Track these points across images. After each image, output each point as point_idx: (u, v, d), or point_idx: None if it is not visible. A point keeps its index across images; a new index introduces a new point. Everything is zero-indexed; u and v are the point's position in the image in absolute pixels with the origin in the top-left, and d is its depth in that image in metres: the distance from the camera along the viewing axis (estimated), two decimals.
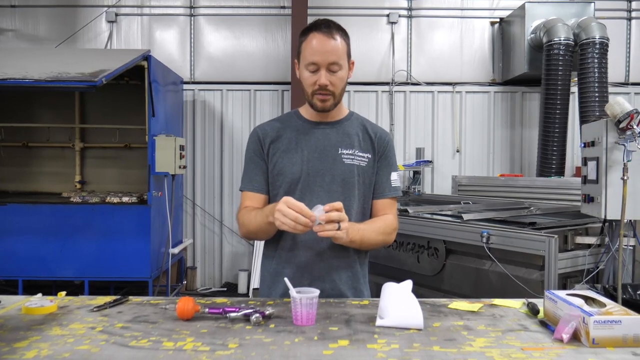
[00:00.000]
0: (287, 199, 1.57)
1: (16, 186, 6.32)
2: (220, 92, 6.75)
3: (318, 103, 1.79)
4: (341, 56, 1.76)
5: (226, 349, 1.27)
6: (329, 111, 1.83)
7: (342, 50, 1.77)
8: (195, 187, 6.73)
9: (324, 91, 1.77)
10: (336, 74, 1.76)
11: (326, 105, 1.80)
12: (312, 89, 1.78)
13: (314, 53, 1.74)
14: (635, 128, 2.89)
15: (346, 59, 1.80)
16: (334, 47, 1.74)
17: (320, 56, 1.73)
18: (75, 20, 6.70)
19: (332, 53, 1.74)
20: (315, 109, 1.83)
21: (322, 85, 1.75)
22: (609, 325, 1.28)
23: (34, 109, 6.34)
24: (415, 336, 1.38)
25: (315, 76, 1.76)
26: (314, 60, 1.74)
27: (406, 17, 6.77)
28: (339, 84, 1.79)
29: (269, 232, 1.79)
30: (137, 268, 4.96)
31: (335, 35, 1.76)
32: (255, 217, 1.77)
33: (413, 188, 6.28)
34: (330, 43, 1.74)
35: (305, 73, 1.78)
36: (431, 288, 3.73)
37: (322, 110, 1.81)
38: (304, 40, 1.79)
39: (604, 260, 3.21)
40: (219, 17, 6.78)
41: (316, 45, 1.74)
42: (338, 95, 1.81)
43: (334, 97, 1.79)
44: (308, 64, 1.76)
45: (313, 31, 1.77)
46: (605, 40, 5.65)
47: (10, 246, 4.93)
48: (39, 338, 1.34)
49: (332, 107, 1.82)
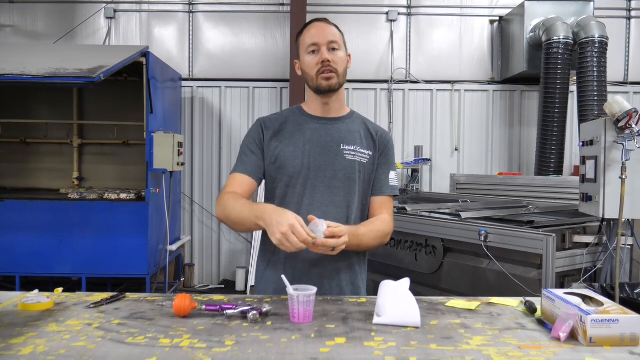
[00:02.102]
0: (295, 224, 1.51)
1: (14, 182, 6.31)
2: (218, 89, 6.74)
3: (324, 82, 1.80)
4: (339, 40, 1.83)
5: (223, 346, 1.27)
6: (335, 90, 1.83)
7: (339, 36, 1.84)
8: (193, 184, 6.72)
9: (328, 67, 1.78)
10: (336, 52, 1.81)
11: (331, 83, 1.80)
12: (316, 69, 1.80)
13: (313, 36, 1.81)
14: (634, 127, 2.89)
15: (344, 46, 1.86)
16: (332, 31, 1.83)
17: (319, 37, 1.80)
18: (73, 17, 6.68)
19: (331, 34, 1.82)
20: (321, 90, 1.82)
21: (325, 59, 1.78)
22: (606, 324, 1.28)
23: (32, 105, 6.32)
24: (413, 334, 1.37)
25: (317, 56, 1.80)
26: (314, 41, 1.80)
27: (405, 15, 6.76)
28: (340, 62, 1.82)
29: (250, 230, 1.77)
30: (135, 265, 4.96)
31: (331, 24, 1.86)
32: (241, 208, 1.71)
33: (411, 186, 6.28)
34: (329, 28, 1.83)
35: (307, 58, 1.82)
36: (429, 286, 3.73)
37: (328, 89, 1.81)
38: (302, 34, 1.86)
39: (602, 259, 3.22)
40: (218, 14, 6.76)
41: (315, 30, 1.83)
42: (341, 75, 1.83)
43: (337, 76, 1.81)
44: (308, 46, 1.81)
45: (310, 24, 1.86)
46: (605, 40, 5.64)
47: (8, 242, 4.92)
48: (35, 334, 1.34)
49: (337, 87, 1.83)
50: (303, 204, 1.81)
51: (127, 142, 6.24)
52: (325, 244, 1.55)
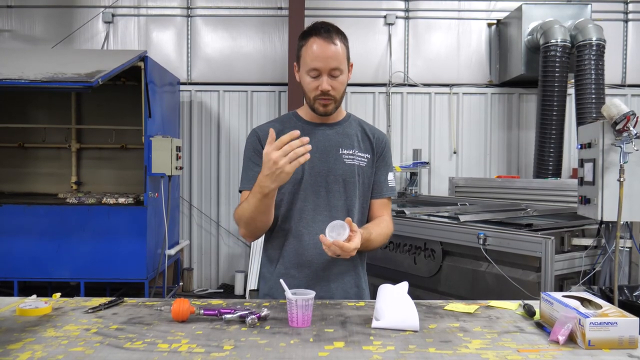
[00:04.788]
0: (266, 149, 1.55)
1: (12, 187, 6.30)
2: (217, 93, 6.75)
3: (320, 108, 1.80)
4: (342, 61, 1.77)
5: (221, 350, 1.27)
6: (330, 114, 1.84)
7: (342, 55, 1.77)
8: (191, 188, 6.72)
9: (326, 96, 1.77)
10: (337, 78, 1.77)
11: (328, 109, 1.81)
12: (314, 94, 1.78)
13: (314, 59, 1.74)
14: (631, 130, 2.90)
15: (346, 63, 1.81)
16: (334, 53, 1.74)
17: (321, 62, 1.73)
18: (71, 21, 6.69)
19: (333, 59, 1.74)
20: (317, 114, 1.83)
21: (325, 90, 1.76)
22: (605, 327, 1.28)
23: (30, 110, 6.33)
24: (411, 338, 1.37)
25: (317, 82, 1.76)
26: (315, 67, 1.74)
27: (403, 19, 6.78)
28: (340, 88, 1.80)
29: (267, 211, 1.71)
30: (133, 269, 4.95)
31: (335, 40, 1.75)
32: (247, 202, 1.70)
33: (410, 189, 6.28)
34: (330, 48, 1.74)
35: (306, 78, 1.79)
36: (428, 289, 3.73)
37: (324, 114, 1.82)
38: (304, 45, 1.78)
39: (601, 261, 3.22)
40: (216, 18, 6.77)
41: (317, 50, 1.74)
42: (339, 99, 1.83)
43: (335, 102, 1.81)
44: (309, 69, 1.76)
45: (313, 36, 1.76)
46: (602, 42, 5.66)
47: (6, 247, 4.91)
48: (33, 340, 1.33)
49: (334, 111, 1.84)
50: (306, 209, 1.82)
51: (126, 146, 6.24)
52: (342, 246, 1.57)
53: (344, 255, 1.60)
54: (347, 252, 1.59)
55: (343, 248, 1.57)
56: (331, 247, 1.58)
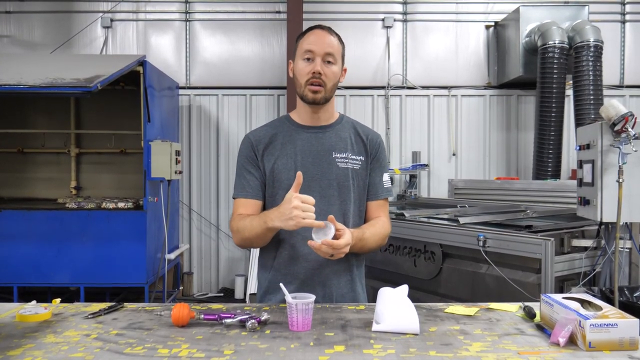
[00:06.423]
0: (296, 196, 1.60)
1: (11, 192, 6.29)
2: (215, 97, 6.75)
3: (309, 94, 1.79)
4: (337, 52, 1.80)
5: (221, 355, 1.27)
6: (319, 104, 1.82)
7: (337, 48, 1.81)
8: (191, 192, 6.71)
9: (317, 80, 1.77)
10: (330, 66, 1.79)
11: (317, 97, 1.79)
12: (307, 77, 1.78)
13: (311, 43, 1.78)
14: (630, 131, 2.90)
15: (341, 59, 1.83)
16: (331, 41, 1.80)
17: (317, 45, 1.77)
18: (70, 26, 6.70)
19: (329, 45, 1.79)
20: (306, 101, 1.82)
21: (317, 71, 1.76)
22: (605, 328, 1.28)
23: (29, 115, 6.33)
24: (412, 341, 1.37)
25: (310, 65, 1.78)
26: (310, 49, 1.77)
27: (401, 22, 6.79)
28: (332, 77, 1.80)
29: (265, 239, 1.77)
30: (133, 274, 4.94)
31: (332, 33, 1.82)
32: (250, 223, 1.74)
33: (409, 192, 6.28)
34: (328, 37, 1.80)
35: (300, 63, 1.80)
36: (428, 292, 3.72)
37: (313, 102, 1.81)
38: (302, 38, 1.83)
39: (601, 263, 3.22)
40: (214, 22, 6.78)
41: (314, 37, 1.80)
42: (329, 90, 1.81)
43: (325, 90, 1.80)
44: (304, 52, 1.79)
45: (311, 29, 1.82)
46: (600, 43, 5.67)
47: (5, 253, 4.90)
48: (33, 346, 1.33)
49: (323, 101, 1.82)
50: None
51: (125, 151, 6.24)
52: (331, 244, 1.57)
53: (337, 253, 1.60)
54: (339, 249, 1.59)
55: (333, 246, 1.57)
56: (322, 248, 1.58)
